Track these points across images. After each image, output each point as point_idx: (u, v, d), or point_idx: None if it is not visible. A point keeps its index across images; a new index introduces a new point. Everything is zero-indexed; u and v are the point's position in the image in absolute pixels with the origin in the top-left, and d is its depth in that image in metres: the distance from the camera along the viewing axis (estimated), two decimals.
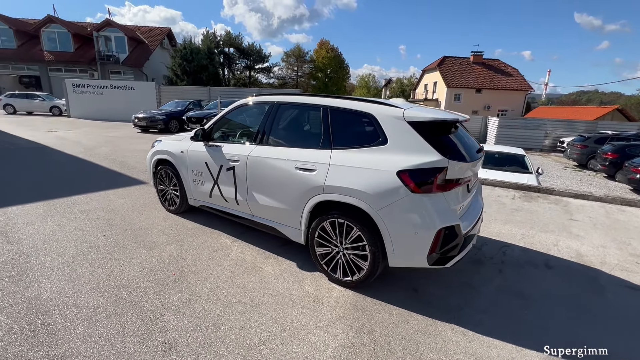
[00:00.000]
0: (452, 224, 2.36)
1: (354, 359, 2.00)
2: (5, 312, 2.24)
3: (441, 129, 2.56)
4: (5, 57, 26.83)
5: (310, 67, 39.28)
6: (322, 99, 2.97)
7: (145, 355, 1.94)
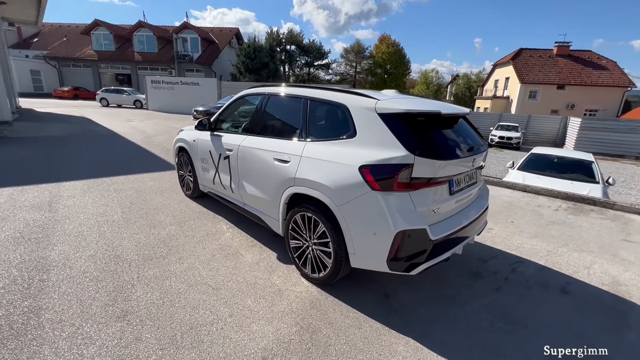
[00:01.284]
0: (414, 227, 2.13)
1: (284, 355, 1.95)
2: (18, 266, 2.68)
3: (419, 122, 2.32)
4: (106, 58, 31.63)
5: (369, 63, 38.53)
6: (305, 89, 2.92)
7: (102, 318, 2.16)
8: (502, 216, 4.52)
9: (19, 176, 5.14)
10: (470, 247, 3.50)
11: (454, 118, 2.61)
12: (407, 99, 2.65)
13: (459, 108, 2.74)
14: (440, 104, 2.74)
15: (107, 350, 1.90)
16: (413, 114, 2.28)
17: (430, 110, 2.32)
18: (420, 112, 2.29)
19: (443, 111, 2.33)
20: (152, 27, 32.00)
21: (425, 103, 2.58)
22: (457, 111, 2.58)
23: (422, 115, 2.32)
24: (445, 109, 2.41)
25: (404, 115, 2.25)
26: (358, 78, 39.85)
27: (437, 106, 2.44)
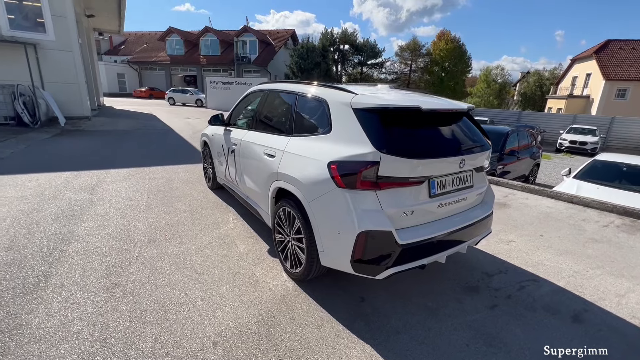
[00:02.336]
0: (378, 229, 2.02)
1: (234, 342, 2.00)
2: (49, 237, 3.15)
3: (397, 118, 2.18)
4: (177, 62, 35.07)
5: (426, 61, 36.74)
6: (296, 85, 2.93)
7: (94, 288, 2.44)
8: (531, 228, 4.00)
9: (80, 163, 6.00)
10: (476, 259, 3.18)
11: (443, 114, 2.40)
12: (393, 94, 2.50)
13: (451, 104, 2.51)
14: (428, 99, 2.53)
15: (86, 316, 2.14)
16: (389, 109, 2.15)
17: (408, 105, 2.16)
18: (396, 107, 2.16)
19: (424, 107, 2.15)
20: (216, 31, 34.57)
21: (411, 98, 2.40)
22: (445, 107, 2.36)
23: (399, 110, 2.17)
24: (428, 105, 2.22)
25: (377, 111, 2.14)
26: (413, 77, 38.28)
27: (420, 101, 2.26)
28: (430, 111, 2.20)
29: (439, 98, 2.75)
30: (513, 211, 4.57)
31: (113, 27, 18.33)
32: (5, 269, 2.60)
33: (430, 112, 2.21)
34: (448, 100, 2.65)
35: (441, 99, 2.69)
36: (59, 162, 5.92)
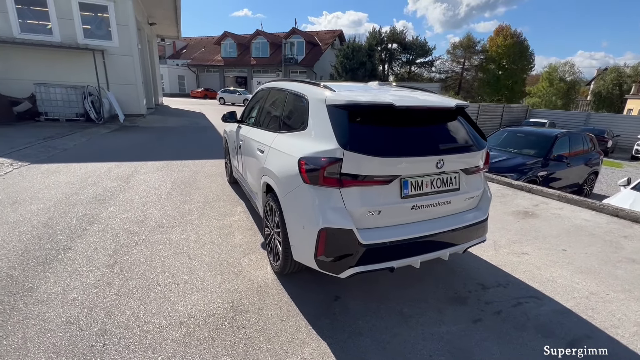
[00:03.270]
0: (339, 226, 1.99)
1: (199, 324, 2.13)
2: (78, 218, 3.61)
3: (369, 114, 2.14)
4: (230, 64, 37.27)
5: (481, 59, 34.31)
6: (288, 83, 2.99)
7: (99, 263, 2.75)
8: (554, 241, 3.57)
9: (125, 155, 6.73)
10: (476, 268, 2.96)
11: (424, 111, 2.27)
12: (374, 91, 2.43)
13: (437, 101, 2.36)
14: (411, 96, 2.40)
15: (84, 286, 2.44)
16: (359, 105, 2.11)
17: (380, 102, 2.10)
18: (367, 103, 2.11)
19: (397, 104, 2.07)
20: (266, 34, 36.02)
21: (388, 95, 2.30)
22: (424, 104, 2.23)
23: (371, 107, 2.12)
24: (403, 102, 2.13)
25: (348, 107, 2.11)
26: (466, 75, 36.02)
27: (398, 98, 2.17)
28: (404, 108, 2.11)
29: (430, 95, 2.60)
30: (539, 222, 4.12)
31: (172, 33, 20.12)
32: (37, 241, 3.05)
33: (405, 109, 2.12)
34: (437, 98, 2.50)
35: (431, 96, 2.54)
36: (108, 154, 6.71)
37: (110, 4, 10.75)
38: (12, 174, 4.95)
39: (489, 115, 18.12)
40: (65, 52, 10.48)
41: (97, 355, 1.84)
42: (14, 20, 9.96)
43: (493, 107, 19.01)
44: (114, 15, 10.87)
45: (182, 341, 1.98)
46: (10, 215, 3.54)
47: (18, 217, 3.52)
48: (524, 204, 4.73)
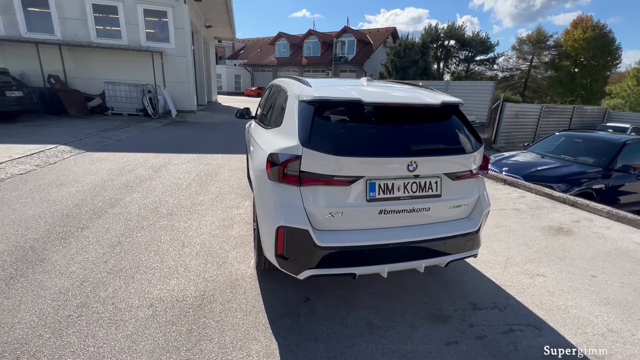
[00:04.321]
0: (295, 226, 1.93)
1: (166, 308, 2.23)
2: (105, 201, 4.03)
3: (341, 111, 2.03)
4: (282, 63, 38.49)
5: (553, 54, 30.63)
6: (282, 79, 3.01)
7: (105, 242, 3.04)
8: (583, 265, 3.05)
9: (165, 146, 7.33)
10: (474, 285, 2.66)
11: (402, 109, 2.08)
12: (355, 87, 2.29)
13: (419, 98, 2.15)
14: (392, 91, 2.23)
15: (84, 261, 2.71)
16: (327, 101, 2.02)
17: (348, 98, 1.98)
18: (334, 99, 2.01)
19: (366, 99, 1.93)
20: (318, 34, 36.46)
21: (355, 89, 2.14)
22: (399, 101, 2.05)
23: (339, 103, 2.01)
24: (373, 97, 1.98)
25: (315, 103, 2.03)
26: (533, 73, 32.49)
27: (369, 94, 2.02)
28: (374, 104, 1.96)
29: (418, 91, 2.37)
30: (573, 240, 3.55)
31: (228, 35, 21.39)
32: (64, 219, 3.47)
33: (375, 105, 1.97)
34: (424, 95, 2.27)
35: (418, 93, 2.32)
36: (152, 146, 7.37)
37: (169, 10, 11.79)
38: (67, 160, 5.70)
39: (554, 119, 16.11)
40: (130, 53, 11.76)
41: (69, 324, 2.04)
42: (92, 26, 11.45)
43: (560, 109, 16.86)
44: (172, 20, 11.90)
45: (145, 322, 2.10)
46: (53, 195, 4.09)
47: (58, 196, 4.05)
48: (560, 219, 4.12)
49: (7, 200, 3.84)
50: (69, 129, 8.24)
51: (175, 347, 1.91)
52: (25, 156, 5.50)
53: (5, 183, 4.38)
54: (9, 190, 4.16)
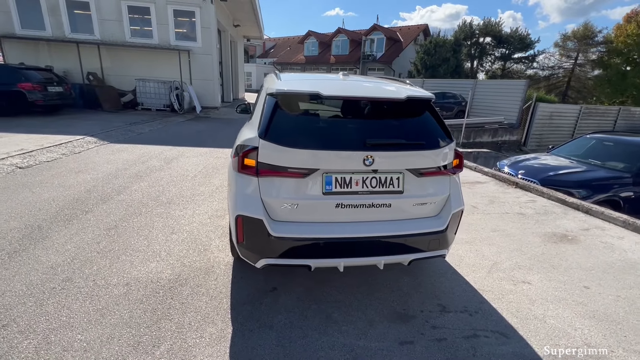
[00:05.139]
0: (251, 215, 1.98)
1: (138, 287, 2.38)
2: (113, 188, 4.33)
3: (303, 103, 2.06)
4: (310, 62, 38.72)
5: (601, 52, 28.20)
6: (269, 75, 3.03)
7: (102, 225, 3.28)
8: (580, 275, 2.83)
9: (183, 140, 7.69)
10: (449, 286, 2.58)
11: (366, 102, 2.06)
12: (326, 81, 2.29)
13: (386, 91, 2.11)
14: (351, 85, 2.19)
15: (80, 242, 2.94)
16: (289, 94, 2.05)
17: (306, 90, 2.00)
18: (293, 92, 2.04)
19: (324, 92, 1.94)
20: (347, 32, 36.26)
21: (317, 83, 2.14)
22: (361, 94, 2.02)
23: (299, 96, 2.04)
24: (333, 90, 1.98)
25: (278, 96, 2.07)
26: (577, 72, 30.14)
27: (331, 87, 2.02)
28: (333, 97, 1.96)
29: (390, 84, 2.32)
30: (575, 249, 3.30)
31: (256, 34, 21.88)
32: (74, 202, 3.78)
33: (333, 98, 1.97)
34: (393, 88, 2.22)
35: (388, 86, 2.27)
36: (171, 139, 7.77)
37: (197, 10, 12.30)
38: (91, 150, 6.17)
39: (595, 121, 14.89)
40: (159, 52, 12.43)
41: (51, 295, 2.24)
42: (126, 26, 12.22)
43: (603, 110, 15.55)
44: (199, 19, 12.41)
45: (117, 299, 2.25)
46: (70, 181, 4.46)
47: (74, 182, 4.41)
48: (567, 226, 3.83)
49: (29, 183, 4.25)
50: (100, 122, 8.89)
51: (136, 323, 2.04)
52: (54, 145, 6.03)
53: (33, 169, 4.84)
54: (33, 175, 4.59)
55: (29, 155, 5.33)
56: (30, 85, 8.67)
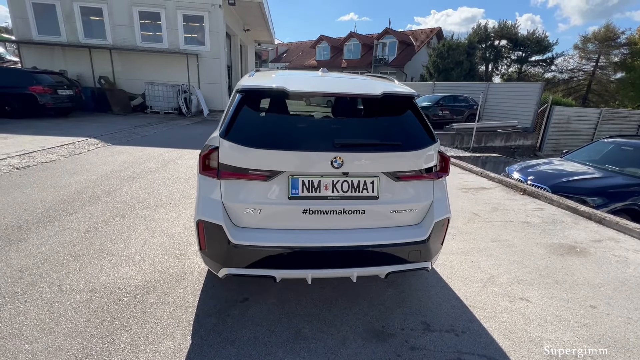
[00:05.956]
0: (211, 220, 1.83)
1: (103, 293, 2.26)
2: (104, 190, 4.29)
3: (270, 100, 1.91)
4: (323, 66, 38.21)
5: (624, 54, 27.02)
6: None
7: (84, 227, 3.21)
8: (588, 292, 2.55)
9: (184, 142, 7.68)
10: (436, 302, 2.35)
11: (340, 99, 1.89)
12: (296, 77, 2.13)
13: (361, 86, 1.93)
14: (323, 81, 2.01)
15: (56, 244, 2.87)
16: (255, 90, 1.90)
17: (271, 86, 1.84)
18: (260, 88, 1.88)
19: (290, 88, 1.78)
20: (359, 36, 36.16)
21: (285, 79, 1.96)
22: (332, 90, 1.85)
23: (264, 92, 1.89)
24: (301, 87, 1.82)
25: (244, 92, 1.92)
26: (598, 75, 28.97)
27: (299, 83, 1.86)
28: (298, 93, 1.80)
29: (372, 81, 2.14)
30: (584, 262, 3.00)
31: (267, 38, 22.04)
32: (61, 203, 3.74)
33: (301, 94, 1.80)
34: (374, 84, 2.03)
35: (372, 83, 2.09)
36: (172, 141, 7.77)
37: (206, 14, 12.44)
38: (91, 152, 6.21)
39: (617, 125, 14.16)
40: (168, 56, 12.61)
41: (11, 300, 2.15)
42: (137, 31, 12.47)
43: (625, 114, 14.78)
44: (208, 24, 12.54)
45: (77, 306, 2.14)
46: (62, 182, 4.45)
47: (66, 183, 4.39)
48: (577, 237, 3.52)
49: (22, 184, 4.26)
50: (106, 125, 9.03)
51: (90, 333, 1.92)
52: (56, 147, 6.10)
53: (29, 169, 4.87)
54: (28, 176, 4.61)
55: (29, 156, 5.39)
56: (41, 88, 8.89)
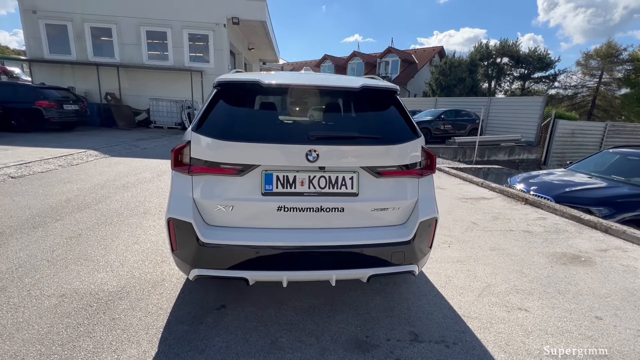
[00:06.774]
0: (180, 217, 1.74)
1: (73, 300, 2.15)
2: (94, 198, 4.24)
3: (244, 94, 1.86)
4: None
5: (627, 70, 27.05)
6: None
7: (68, 233, 3.13)
8: (593, 302, 2.35)
9: None
10: (428, 310, 2.19)
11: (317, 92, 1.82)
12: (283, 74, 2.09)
13: (338, 80, 1.87)
14: (300, 75, 1.97)
15: (36, 250, 2.79)
16: (230, 84, 1.86)
17: (245, 79, 1.79)
18: (235, 81, 1.83)
19: (265, 81, 1.72)
20: (362, 55, 36.96)
21: (264, 74, 1.93)
22: (307, 82, 1.79)
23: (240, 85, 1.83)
24: (277, 80, 1.76)
25: (219, 86, 1.88)
26: (603, 90, 28.93)
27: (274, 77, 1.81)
28: (273, 86, 1.74)
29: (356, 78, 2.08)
30: (588, 272, 2.81)
31: (272, 57, 22.63)
32: (49, 211, 3.69)
33: (276, 87, 1.75)
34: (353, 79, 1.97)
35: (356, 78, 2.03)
36: None
37: (211, 33, 12.82)
38: (90, 163, 6.24)
39: (622, 139, 13.92)
40: (173, 73, 12.92)
41: None
42: (144, 50, 12.87)
43: (631, 128, 14.58)
44: (212, 42, 12.90)
45: (43, 311, 2.03)
46: (55, 190, 4.42)
47: (58, 192, 4.36)
48: (581, 246, 3.32)
49: (13, 192, 4.24)
50: (108, 138, 9.14)
51: (51, 340, 1.80)
52: (54, 157, 6.14)
53: (24, 178, 4.88)
54: (22, 184, 4.60)
55: (25, 166, 5.41)
56: (47, 103, 9.10)
